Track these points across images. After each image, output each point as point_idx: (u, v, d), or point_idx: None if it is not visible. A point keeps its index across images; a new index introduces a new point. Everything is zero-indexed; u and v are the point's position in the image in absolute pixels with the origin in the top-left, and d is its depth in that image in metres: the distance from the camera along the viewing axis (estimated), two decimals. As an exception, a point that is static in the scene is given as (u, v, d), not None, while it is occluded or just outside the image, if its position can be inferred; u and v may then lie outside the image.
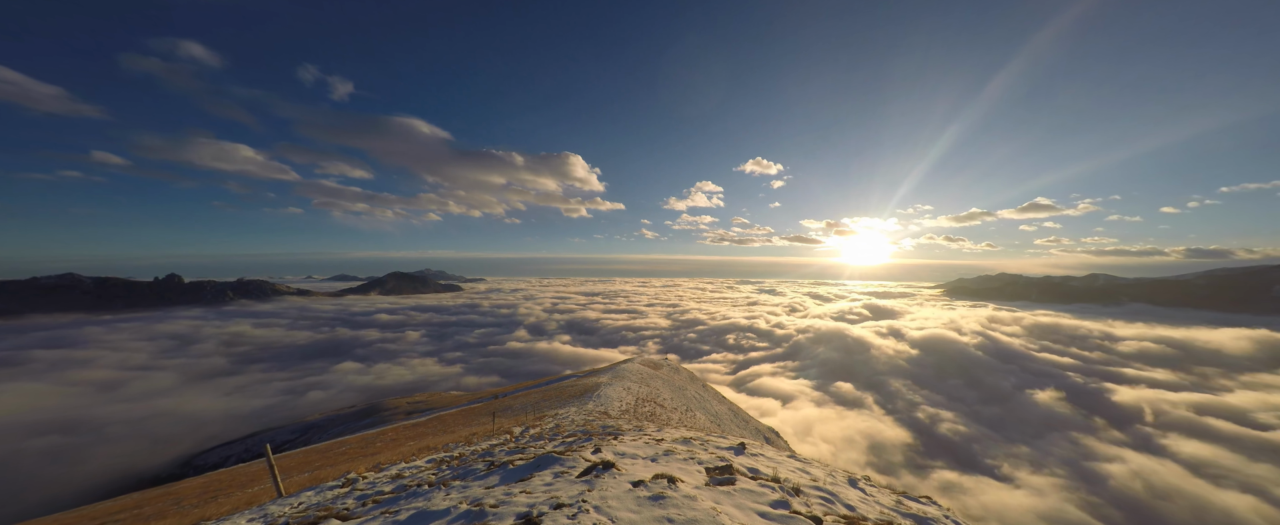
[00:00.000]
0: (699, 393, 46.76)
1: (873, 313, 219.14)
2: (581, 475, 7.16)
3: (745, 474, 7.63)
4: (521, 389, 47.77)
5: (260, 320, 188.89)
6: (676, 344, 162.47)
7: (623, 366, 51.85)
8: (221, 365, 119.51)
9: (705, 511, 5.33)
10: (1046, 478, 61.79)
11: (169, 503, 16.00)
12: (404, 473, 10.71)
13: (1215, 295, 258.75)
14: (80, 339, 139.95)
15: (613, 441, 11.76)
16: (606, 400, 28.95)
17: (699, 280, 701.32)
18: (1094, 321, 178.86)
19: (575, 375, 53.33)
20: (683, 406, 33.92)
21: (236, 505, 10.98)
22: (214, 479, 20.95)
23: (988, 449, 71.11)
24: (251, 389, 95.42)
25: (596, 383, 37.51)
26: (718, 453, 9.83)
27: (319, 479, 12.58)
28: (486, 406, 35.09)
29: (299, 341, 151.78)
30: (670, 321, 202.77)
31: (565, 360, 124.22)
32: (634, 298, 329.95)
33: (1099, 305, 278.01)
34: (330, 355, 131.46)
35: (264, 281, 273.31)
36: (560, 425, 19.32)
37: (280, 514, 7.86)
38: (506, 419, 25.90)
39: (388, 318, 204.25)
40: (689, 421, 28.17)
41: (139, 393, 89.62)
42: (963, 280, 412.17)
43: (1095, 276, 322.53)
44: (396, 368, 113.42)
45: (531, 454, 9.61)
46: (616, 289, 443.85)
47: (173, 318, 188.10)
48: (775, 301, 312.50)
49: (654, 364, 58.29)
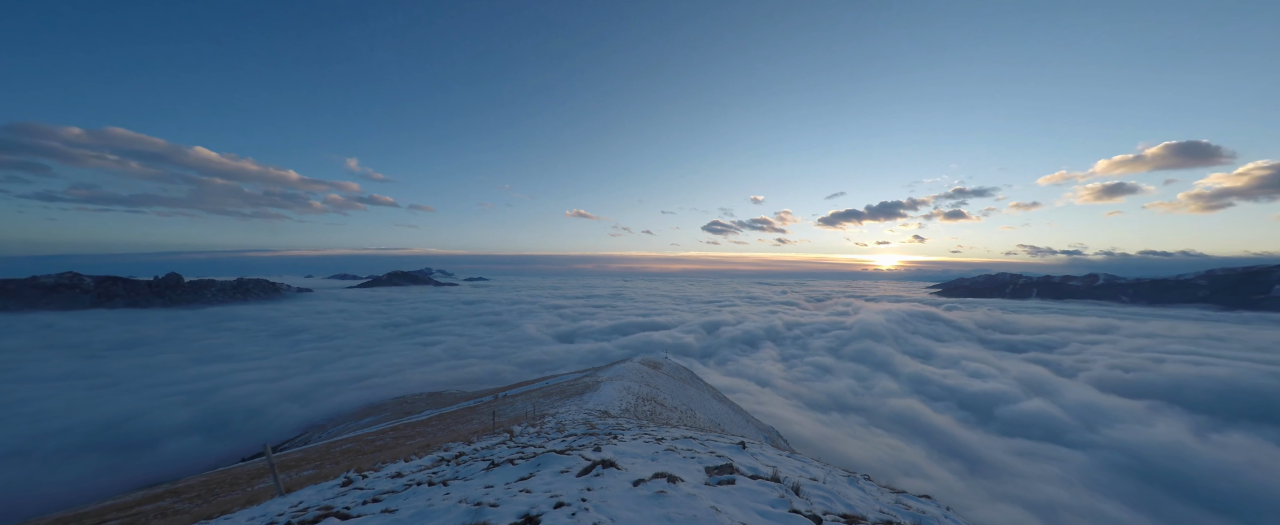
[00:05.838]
0: (699, 392, 46.81)
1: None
2: (582, 474, 7.17)
3: (745, 473, 7.64)
4: (521, 388, 47.79)
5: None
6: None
7: (623, 366, 51.88)
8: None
9: (705, 510, 5.34)
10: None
11: (169, 502, 16.03)
12: (404, 472, 10.72)
13: (1215, 294, 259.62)
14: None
15: (613, 440, 11.77)
16: (607, 399, 28.97)
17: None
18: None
19: (575, 374, 53.36)
20: (683, 405, 33.95)
21: (236, 504, 10.99)
22: (214, 478, 20.96)
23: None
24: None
25: (597, 382, 37.55)
26: (718, 452, 9.84)
27: (319, 478, 12.59)
28: (486, 406, 35.11)
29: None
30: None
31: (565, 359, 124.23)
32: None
33: (1098, 303, 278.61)
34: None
35: (265, 281, 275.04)
36: (561, 424, 19.34)
37: (280, 513, 7.87)
38: (506, 418, 25.93)
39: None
40: (689, 420, 28.19)
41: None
42: (963, 280, 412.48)
43: (1095, 276, 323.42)
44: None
45: (532, 453, 9.62)
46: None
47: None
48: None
49: (654, 363, 58.36)
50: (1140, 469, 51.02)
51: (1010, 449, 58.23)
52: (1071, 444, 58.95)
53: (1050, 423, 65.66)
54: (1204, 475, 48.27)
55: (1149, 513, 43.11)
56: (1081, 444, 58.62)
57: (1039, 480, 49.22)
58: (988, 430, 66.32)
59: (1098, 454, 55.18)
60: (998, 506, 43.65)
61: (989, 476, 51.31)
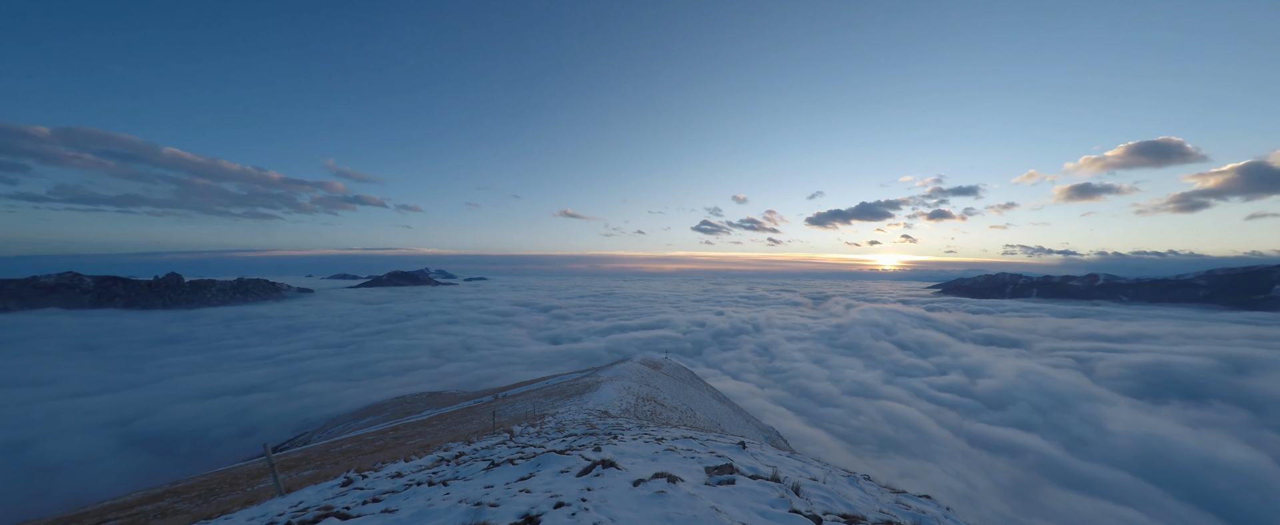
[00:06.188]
0: (699, 392, 46.82)
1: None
2: (582, 474, 7.17)
3: (745, 473, 7.63)
4: (521, 388, 47.77)
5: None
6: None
7: (623, 366, 51.89)
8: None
9: (705, 510, 5.34)
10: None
11: (169, 501, 16.02)
12: (404, 472, 10.72)
13: (1215, 294, 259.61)
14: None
15: (613, 440, 11.77)
16: (607, 399, 28.96)
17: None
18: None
19: (575, 374, 53.36)
20: (683, 405, 33.95)
21: (236, 504, 10.99)
22: (214, 478, 20.96)
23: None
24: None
25: (597, 382, 37.55)
26: (718, 452, 9.83)
27: (319, 478, 12.59)
28: (486, 406, 35.11)
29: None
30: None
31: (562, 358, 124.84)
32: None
33: (1099, 303, 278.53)
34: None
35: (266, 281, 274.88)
36: (561, 424, 19.34)
37: (280, 513, 7.86)
38: (506, 418, 25.92)
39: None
40: (689, 420, 28.19)
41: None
42: (963, 280, 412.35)
43: (1095, 276, 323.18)
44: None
45: (532, 453, 9.61)
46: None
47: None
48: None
49: (654, 363, 58.37)
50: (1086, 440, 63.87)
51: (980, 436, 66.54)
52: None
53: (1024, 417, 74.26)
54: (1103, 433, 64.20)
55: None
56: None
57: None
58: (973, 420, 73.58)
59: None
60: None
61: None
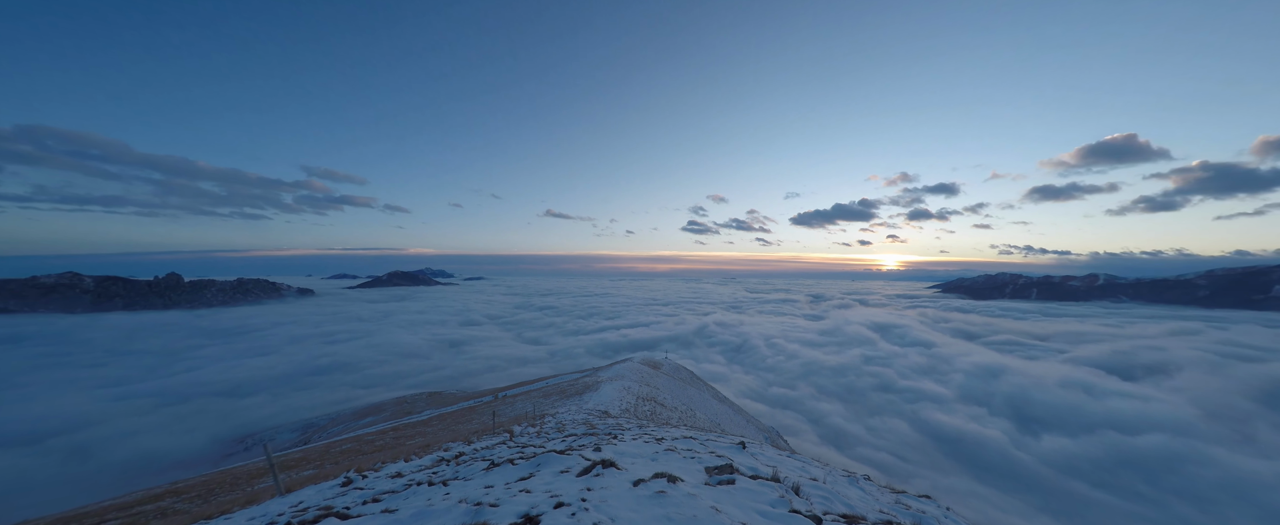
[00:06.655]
0: (699, 392, 46.82)
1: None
2: (582, 474, 7.17)
3: (745, 473, 7.63)
4: (521, 388, 47.77)
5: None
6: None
7: (623, 366, 51.89)
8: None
9: (705, 510, 5.34)
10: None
11: (169, 501, 16.02)
12: (404, 472, 10.72)
13: (1216, 295, 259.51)
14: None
15: (613, 440, 11.77)
16: (607, 399, 28.96)
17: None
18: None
19: (575, 374, 53.36)
20: (683, 405, 33.95)
21: (236, 504, 10.99)
22: (214, 478, 20.95)
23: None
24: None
25: (597, 382, 37.54)
26: (718, 451, 9.84)
27: (319, 478, 12.59)
28: (486, 406, 35.11)
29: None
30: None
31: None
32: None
33: (1098, 303, 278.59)
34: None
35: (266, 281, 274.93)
36: (561, 424, 19.34)
37: (280, 513, 7.86)
38: (506, 418, 25.92)
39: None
40: (689, 420, 28.19)
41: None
42: (963, 280, 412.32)
43: (1095, 276, 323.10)
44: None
45: (532, 453, 9.61)
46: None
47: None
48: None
49: (654, 363, 58.37)
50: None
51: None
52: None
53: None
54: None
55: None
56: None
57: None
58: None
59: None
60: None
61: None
